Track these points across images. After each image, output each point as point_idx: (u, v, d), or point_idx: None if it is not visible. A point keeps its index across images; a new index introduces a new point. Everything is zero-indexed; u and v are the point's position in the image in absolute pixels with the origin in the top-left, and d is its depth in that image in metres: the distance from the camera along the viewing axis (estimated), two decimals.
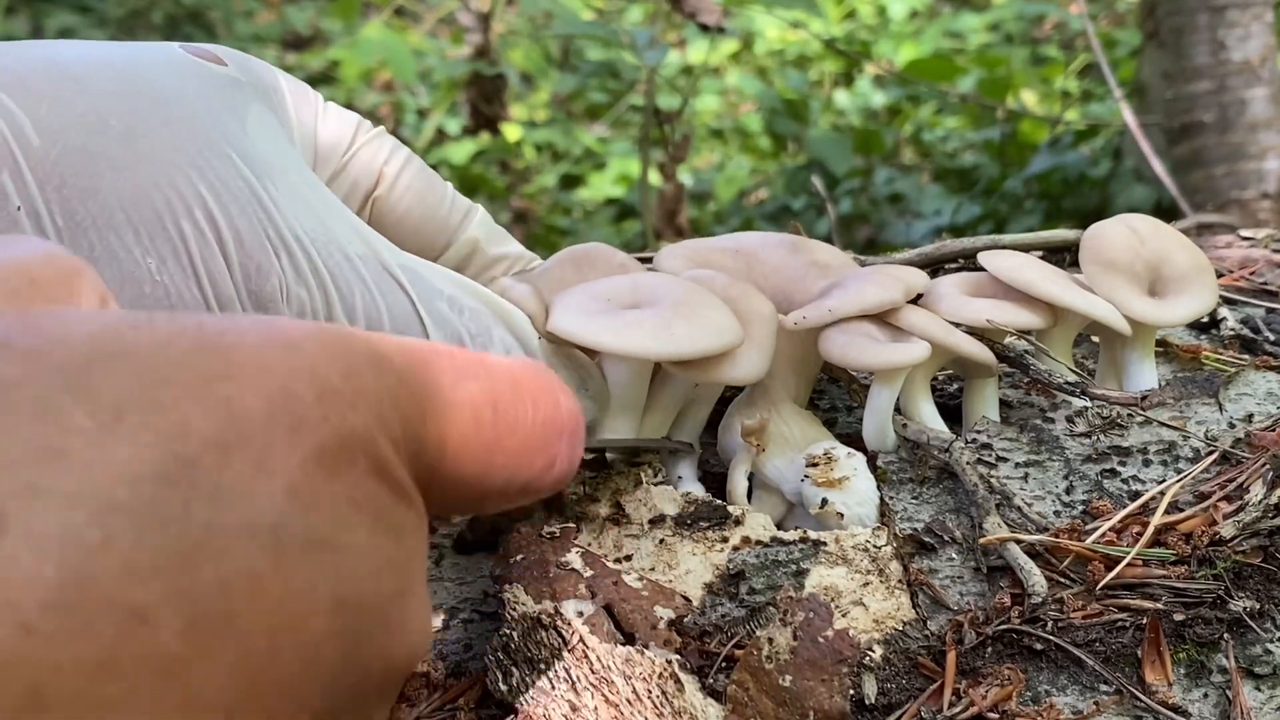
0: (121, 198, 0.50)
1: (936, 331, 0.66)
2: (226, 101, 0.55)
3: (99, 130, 0.51)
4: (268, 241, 0.52)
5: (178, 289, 0.51)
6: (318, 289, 0.53)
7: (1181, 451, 0.66)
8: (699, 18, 1.89)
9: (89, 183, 0.50)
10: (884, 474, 0.65)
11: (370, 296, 0.55)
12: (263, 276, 0.52)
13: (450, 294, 0.58)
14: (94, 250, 0.49)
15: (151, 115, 0.52)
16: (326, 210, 0.55)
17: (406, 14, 4.71)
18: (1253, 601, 0.57)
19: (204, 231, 0.51)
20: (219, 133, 0.53)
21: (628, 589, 0.57)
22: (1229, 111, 2.18)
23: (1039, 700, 0.55)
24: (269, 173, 0.54)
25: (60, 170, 0.49)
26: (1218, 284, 0.75)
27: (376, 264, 0.55)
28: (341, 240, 0.55)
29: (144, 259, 0.50)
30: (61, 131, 0.50)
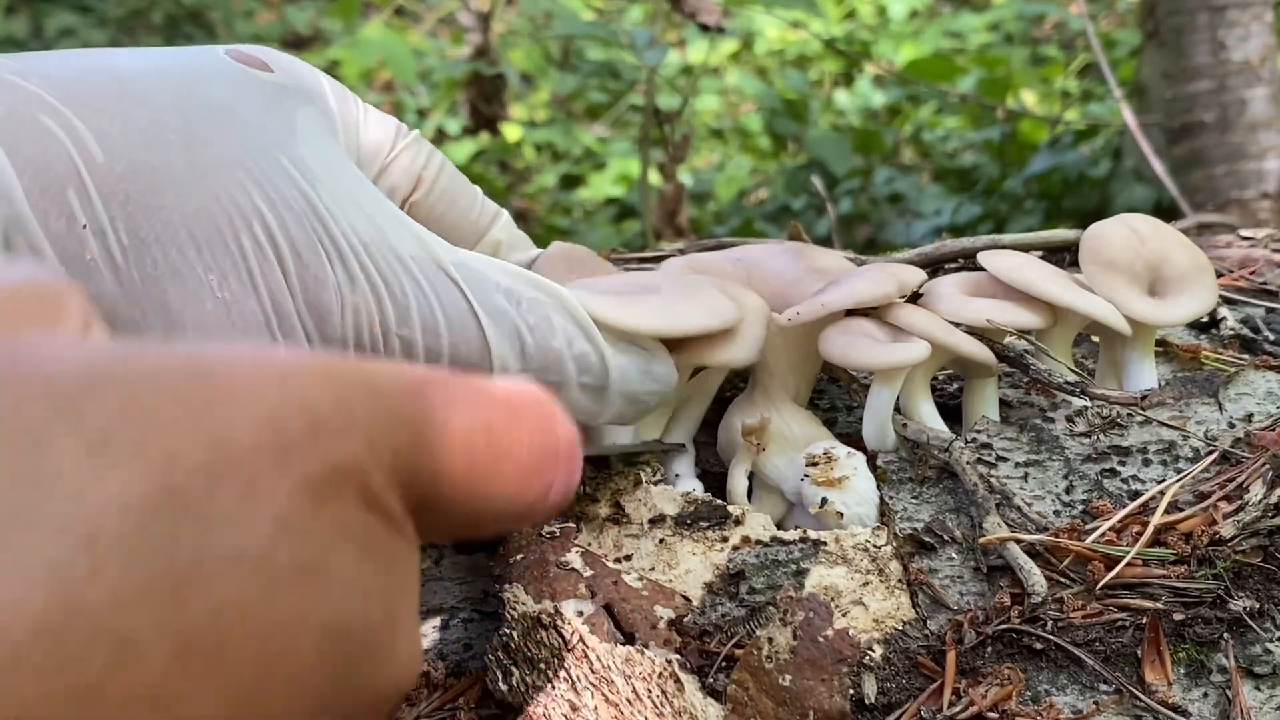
0: (184, 214, 0.50)
1: (936, 331, 0.66)
2: (275, 109, 0.56)
3: (159, 144, 0.51)
4: (323, 251, 0.53)
5: (238, 304, 0.51)
6: (371, 295, 0.54)
7: (1181, 451, 0.66)
8: (699, 18, 1.89)
9: (152, 199, 0.50)
10: (884, 474, 0.65)
11: (424, 298, 0.55)
12: (320, 286, 0.52)
13: (507, 286, 0.58)
14: (157, 267, 0.50)
15: (208, 126, 0.52)
16: (379, 212, 0.56)
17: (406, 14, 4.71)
18: (1252, 601, 0.57)
19: (263, 246, 0.51)
20: (271, 141, 0.54)
21: (628, 589, 0.57)
22: (1229, 111, 2.18)
23: (1039, 700, 0.55)
24: (321, 178, 0.54)
25: (125, 186, 0.50)
26: (1217, 284, 0.75)
27: (431, 264, 0.56)
28: (395, 242, 0.55)
29: (206, 275, 0.51)
30: (125, 146, 0.50)
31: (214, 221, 0.51)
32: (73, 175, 0.48)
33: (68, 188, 0.48)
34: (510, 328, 0.57)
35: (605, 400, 0.60)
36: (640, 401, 0.62)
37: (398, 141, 0.65)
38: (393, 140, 0.65)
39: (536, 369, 0.58)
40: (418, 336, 0.55)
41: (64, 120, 0.49)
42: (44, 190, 0.48)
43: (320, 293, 0.53)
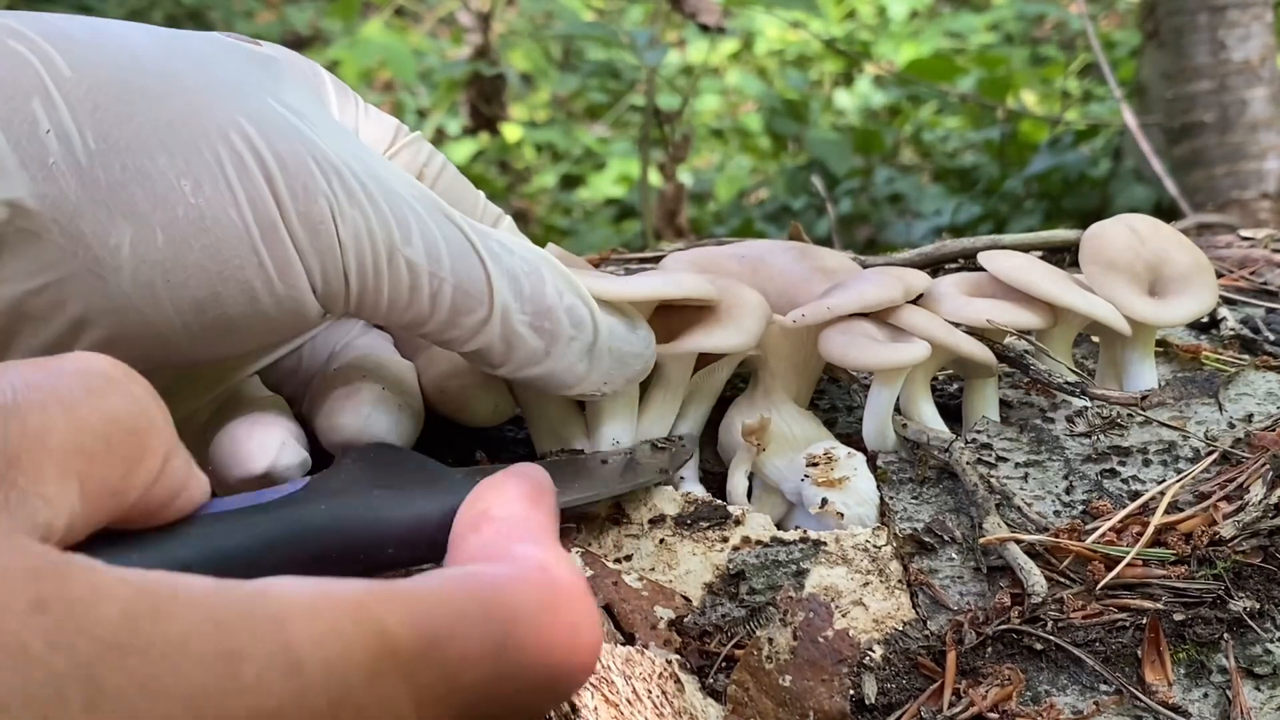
0: (157, 124, 0.50)
1: (937, 331, 0.66)
2: (264, 72, 0.55)
3: (134, 69, 0.51)
4: (313, 163, 0.51)
5: (214, 212, 0.50)
6: (374, 214, 0.53)
7: (1181, 451, 0.66)
8: (699, 18, 1.89)
9: (123, 109, 0.50)
10: (884, 474, 0.65)
11: (427, 227, 0.54)
12: (310, 197, 0.51)
13: (499, 237, 0.58)
14: (126, 170, 0.49)
15: (190, 63, 0.52)
16: (372, 158, 0.55)
17: (406, 14, 4.71)
18: (1252, 601, 0.57)
19: (242, 155, 0.50)
20: (258, 85, 0.53)
21: (627, 589, 0.57)
22: (1229, 111, 2.18)
23: (1039, 700, 0.55)
24: (308, 119, 0.53)
25: (93, 97, 0.49)
26: (1218, 284, 0.75)
27: (431, 203, 0.55)
28: (390, 180, 0.54)
29: (179, 181, 0.50)
30: (96, 66, 0.50)
31: (189, 131, 0.50)
32: (38, 86, 0.49)
33: (32, 97, 0.48)
34: (509, 270, 0.57)
35: (594, 358, 0.60)
36: (627, 364, 0.62)
37: (397, 140, 0.65)
38: (392, 139, 0.65)
39: (532, 314, 0.57)
40: (422, 260, 0.54)
41: (33, 44, 0.49)
42: (6, 100, 0.48)
43: (311, 203, 0.51)
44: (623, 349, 0.61)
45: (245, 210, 0.50)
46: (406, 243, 0.53)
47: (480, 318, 0.56)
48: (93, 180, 0.49)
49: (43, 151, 0.48)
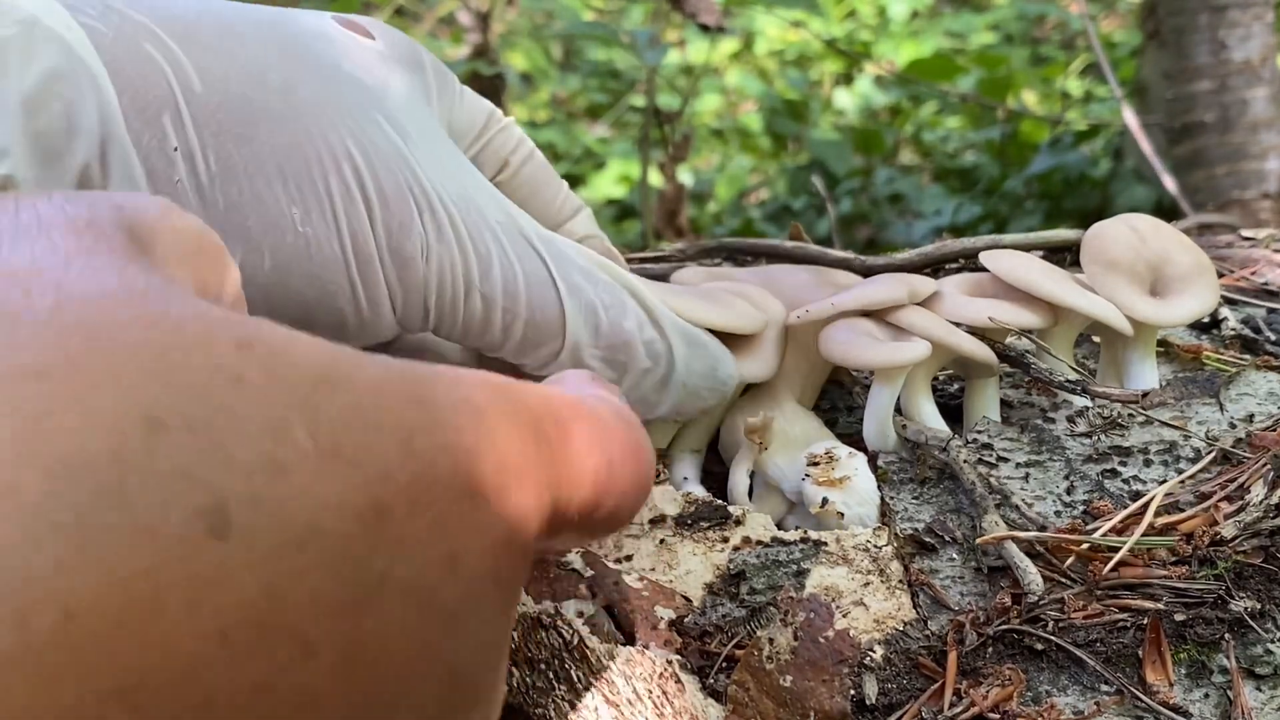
0: (275, 148, 0.51)
1: (937, 331, 0.66)
2: (374, 71, 0.56)
3: (259, 82, 0.52)
4: (411, 199, 0.53)
5: (319, 241, 0.52)
6: (458, 249, 0.54)
7: (1182, 451, 0.66)
8: (699, 18, 1.89)
9: (245, 130, 0.51)
10: (884, 474, 0.65)
11: (508, 261, 0.56)
12: (404, 234, 0.53)
13: (584, 266, 0.59)
14: (242, 194, 0.51)
15: (309, 75, 0.53)
16: (467, 177, 0.56)
17: (406, 14, 4.71)
18: (1254, 602, 0.56)
19: (350, 187, 0.52)
20: (368, 96, 0.54)
21: (628, 589, 0.57)
22: (1230, 111, 2.18)
23: (1040, 700, 0.55)
24: (413, 136, 0.55)
25: (219, 117, 0.51)
26: (1219, 284, 0.75)
27: (515, 232, 0.56)
28: (481, 205, 0.56)
29: (289, 209, 0.51)
30: (224, 80, 0.51)
31: (304, 158, 0.52)
32: (169, 101, 0.50)
33: (164, 113, 0.50)
34: (587, 304, 0.58)
35: (667, 391, 0.62)
36: (700, 399, 0.63)
37: (490, 125, 0.66)
38: (485, 123, 0.66)
39: (606, 348, 0.59)
40: (498, 295, 0.55)
41: (167, 50, 0.50)
42: (140, 112, 0.49)
43: (405, 240, 0.53)
44: (697, 385, 0.63)
45: (347, 243, 0.52)
46: (485, 278, 0.55)
47: (551, 350, 0.58)
48: (212, 201, 0.50)
49: (169, 169, 0.50)
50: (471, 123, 0.65)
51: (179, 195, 0.50)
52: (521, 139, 0.68)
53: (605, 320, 0.58)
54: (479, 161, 0.66)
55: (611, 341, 0.59)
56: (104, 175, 0.49)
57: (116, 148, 0.49)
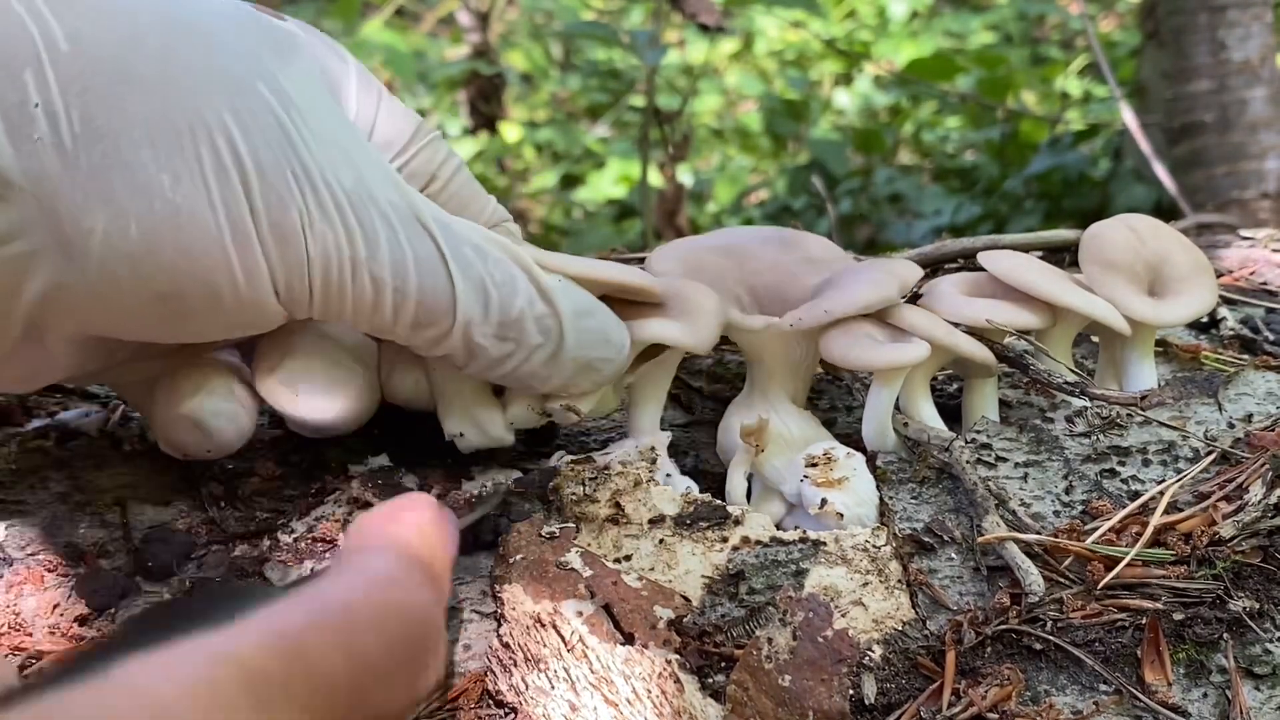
0: (146, 114, 0.50)
1: (937, 331, 0.66)
2: (274, 47, 0.56)
3: (134, 47, 0.51)
4: (290, 175, 0.52)
5: (191, 211, 0.51)
6: (343, 227, 0.54)
7: (1181, 451, 0.66)
8: (699, 18, 1.89)
9: (115, 92, 0.50)
10: (884, 474, 0.65)
11: (397, 242, 0.55)
12: (283, 209, 0.52)
13: (477, 243, 0.58)
14: (107, 157, 0.50)
15: (190, 42, 0.52)
16: (362, 157, 0.56)
17: (406, 14, 4.71)
18: (1252, 601, 0.57)
19: (222, 157, 0.51)
20: (255, 69, 0.54)
21: (627, 589, 0.57)
22: (1229, 111, 2.18)
23: (1038, 700, 0.55)
24: (302, 113, 0.54)
25: (86, 78, 0.50)
26: (1217, 284, 0.75)
27: (408, 213, 0.56)
28: (374, 188, 0.55)
29: (158, 174, 0.51)
30: (95, 43, 0.50)
31: (174, 126, 0.51)
32: (32, 58, 0.49)
33: (25, 69, 0.49)
34: (478, 281, 0.58)
35: (558, 365, 0.61)
36: (593, 369, 0.63)
37: (418, 138, 0.65)
38: (412, 135, 0.65)
39: (497, 325, 0.58)
40: (387, 276, 0.55)
41: (34, 10, 0.50)
42: (3, 67, 0.49)
43: (283, 215, 0.52)
44: (589, 355, 0.62)
45: (220, 213, 0.51)
46: (373, 259, 0.55)
47: (442, 329, 0.57)
48: (74, 162, 0.50)
49: (29, 126, 0.49)
50: (398, 132, 0.64)
51: (38, 154, 0.49)
52: (450, 153, 0.67)
53: (496, 298, 0.58)
54: (406, 174, 0.65)
55: (502, 319, 0.58)
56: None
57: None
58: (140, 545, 0.66)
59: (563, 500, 0.63)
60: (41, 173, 0.50)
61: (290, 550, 0.65)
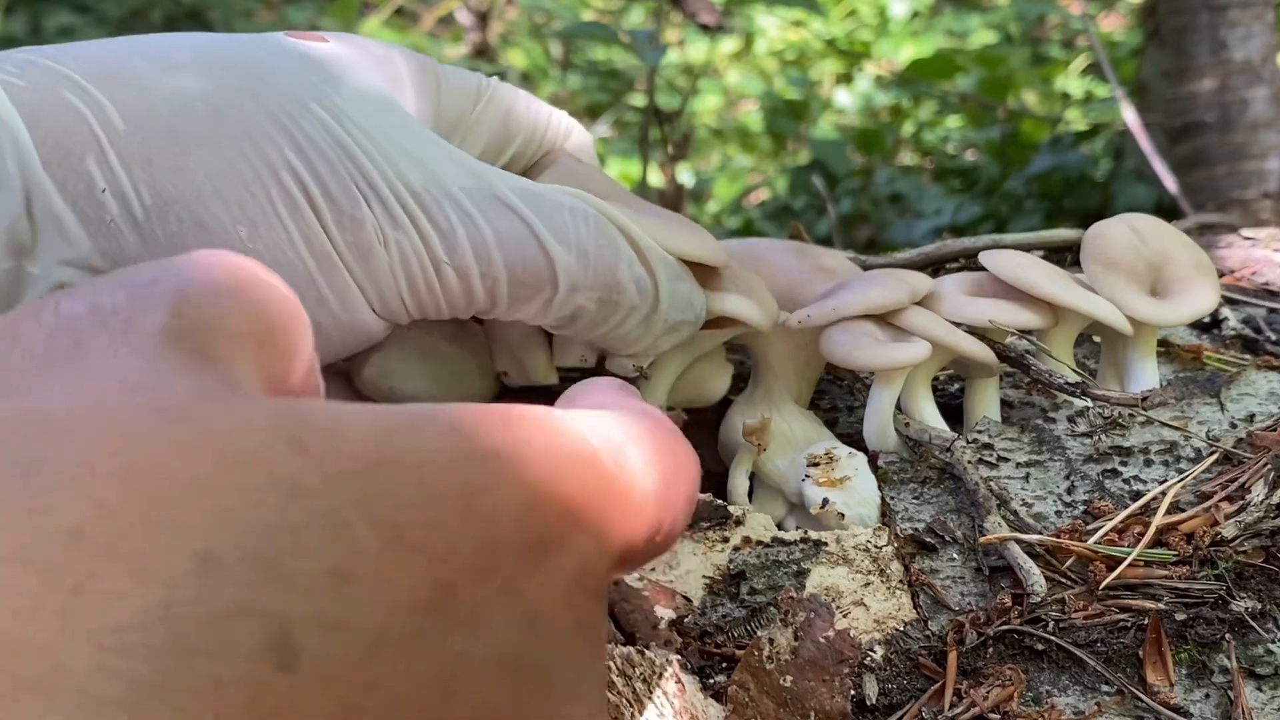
0: (210, 173, 0.51)
1: (937, 331, 0.66)
2: (321, 68, 0.56)
3: (185, 113, 0.52)
4: (359, 192, 0.53)
5: (273, 254, 0.52)
6: (416, 231, 0.54)
7: (1183, 451, 0.66)
8: (699, 18, 1.89)
9: (176, 161, 0.51)
10: (885, 474, 0.65)
11: (475, 229, 0.55)
12: (357, 227, 0.53)
13: (573, 206, 0.58)
14: (182, 223, 0.51)
15: (238, 87, 0.53)
16: (429, 153, 0.56)
17: (406, 13, 4.71)
18: (1254, 602, 0.56)
19: (292, 193, 0.52)
20: (305, 89, 0.54)
21: (628, 589, 0.57)
22: (1230, 111, 2.18)
23: (1040, 701, 0.55)
24: (363, 127, 0.54)
25: (147, 152, 0.50)
26: (1219, 284, 0.75)
27: (486, 194, 0.56)
28: (444, 179, 0.55)
29: (234, 227, 0.51)
30: (148, 115, 0.51)
31: (240, 177, 0.51)
32: (92, 144, 0.50)
33: (87, 156, 0.50)
34: (576, 246, 0.57)
35: (649, 327, 0.61)
36: (676, 333, 0.63)
37: (480, 99, 0.65)
38: (474, 99, 0.65)
39: (601, 288, 0.58)
40: (471, 264, 0.55)
41: (86, 95, 0.50)
42: (63, 160, 0.49)
43: (359, 232, 0.53)
44: (677, 319, 0.62)
45: (301, 249, 0.52)
46: (452, 252, 0.54)
47: (544, 300, 0.57)
48: (151, 235, 0.50)
49: (101, 211, 0.50)
50: (464, 103, 0.64)
51: (114, 236, 0.50)
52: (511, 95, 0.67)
53: (596, 262, 0.57)
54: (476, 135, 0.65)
55: (605, 281, 0.58)
56: (33, 228, 0.49)
57: (41, 199, 0.49)
58: None
59: None
60: (120, 254, 0.50)
61: None
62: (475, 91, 0.65)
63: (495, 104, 0.66)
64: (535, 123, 0.68)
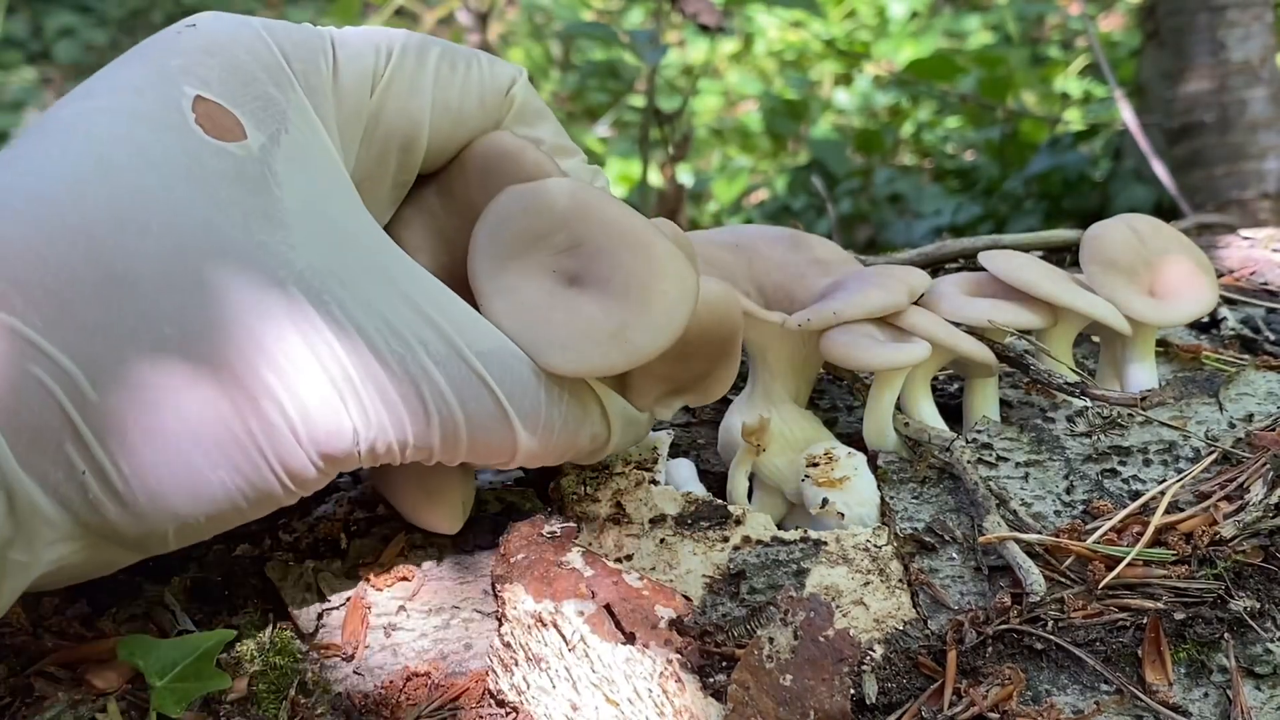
0: (188, 420, 0.49)
1: (937, 331, 0.66)
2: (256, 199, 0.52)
3: (156, 348, 0.49)
4: (334, 392, 0.51)
5: (254, 481, 0.51)
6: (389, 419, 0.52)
7: (1182, 451, 0.66)
8: (699, 18, 1.89)
9: (152, 419, 0.49)
10: (884, 474, 0.65)
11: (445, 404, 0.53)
12: (332, 435, 0.51)
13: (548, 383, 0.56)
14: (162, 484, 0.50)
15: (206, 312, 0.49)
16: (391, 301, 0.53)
17: (406, 14, 4.71)
18: (1253, 601, 0.57)
19: (272, 421, 0.50)
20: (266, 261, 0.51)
21: (628, 588, 0.57)
22: (1229, 111, 2.18)
23: (1039, 700, 0.55)
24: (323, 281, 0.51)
25: (121, 422, 0.49)
26: (1218, 284, 0.75)
27: (455, 359, 0.53)
28: (410, 338, 0.52)
29: (214, 473, 0.50)
30: (117, 369, 0.48)
31: (219, 416, 0.49)
32: (66, 428, 0.48)
33: (64, 443, 0.48)
34: (544, 427, 0.56)
35: (595, 459, 0.62)
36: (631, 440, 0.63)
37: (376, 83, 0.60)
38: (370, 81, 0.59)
39: (556, 451, 0.58)
40: (435, 444, 0.54)
41: (54, 368, 0.48)
42: (42, 452, 0.48)
43: (338, 442, 0.51)
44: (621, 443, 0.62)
45: (280, 472, 0.51)
46: (421, 436, 0.53)
47: (500, 462, 0.57)
48: (133, 502, 0.50)
49: (81, 492, 0.49)
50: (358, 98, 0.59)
51: (96, 508, 0.49)
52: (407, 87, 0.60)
53: (559, 436, 0.57)
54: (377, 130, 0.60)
55: (562, 446, 0.58)
56: (15, 524, 0.48)
57: (22, 497, 0.48)
58: None
59: (564, 499, 0.63)
60: (104, 522, 0.50)
61: (291, 550, 0.65)
62: (370, 75, 0.59)
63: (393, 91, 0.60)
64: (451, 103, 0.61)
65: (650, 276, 0.57)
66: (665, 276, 0.57)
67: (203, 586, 0.63)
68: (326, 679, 0.58)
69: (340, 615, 0.61)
